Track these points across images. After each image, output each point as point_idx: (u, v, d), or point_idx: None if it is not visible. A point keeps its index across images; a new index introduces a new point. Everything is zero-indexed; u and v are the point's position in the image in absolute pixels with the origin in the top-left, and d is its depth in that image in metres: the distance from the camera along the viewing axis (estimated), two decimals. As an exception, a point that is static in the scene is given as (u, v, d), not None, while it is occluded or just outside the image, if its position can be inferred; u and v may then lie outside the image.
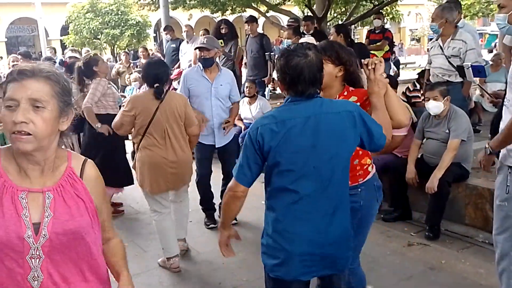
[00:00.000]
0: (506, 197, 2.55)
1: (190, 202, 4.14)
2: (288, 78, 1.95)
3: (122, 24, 20.42)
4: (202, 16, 22.46)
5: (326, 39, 5.84)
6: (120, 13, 20.71)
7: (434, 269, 3.50)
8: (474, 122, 6.05)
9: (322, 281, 2.19)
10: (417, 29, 37.63)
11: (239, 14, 13.30)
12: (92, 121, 4.60)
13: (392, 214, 4.46)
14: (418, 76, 7.31)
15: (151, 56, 10.87)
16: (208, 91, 4.27)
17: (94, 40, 20.53)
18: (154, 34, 25.86)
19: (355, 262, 2.64)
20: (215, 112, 4.31)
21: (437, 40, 4.97)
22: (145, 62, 4.37)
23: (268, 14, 12.38)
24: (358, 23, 15.82)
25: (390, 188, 4.54)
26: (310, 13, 10.70)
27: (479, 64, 4.48)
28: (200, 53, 4.25)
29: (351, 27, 15.17)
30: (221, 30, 7.39)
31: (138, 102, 3.58)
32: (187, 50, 7.85)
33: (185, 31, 8.51)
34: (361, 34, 25.44)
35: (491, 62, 7.39)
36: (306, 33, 6.97)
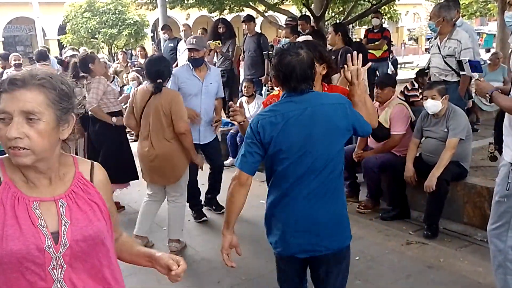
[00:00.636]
0: (506, 193, 2.56)
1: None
2: (281, 75, 2.11)
3: (120, 23, 20.40)
4: (200, 15, 22.43)
5: (324, 39, 5.86)
6: (117, 12, 20.69)
7: (432, 267, 3.50)
8: (472, 121, 6.06)
9: (315, 262, 2.28)
10: (415, 28, 37.71)
11: (237, 13, 13.29)
12: (104, 118, 4.65)
13: (390, 213, 4.46)
14: (416, 75, 7.32)
15: (152, 55, 10.88)
16: (199, 90, 4.40)
17: (92, 39, 20.49)
18: (152, 34, 25.84)
19: None
20: (204, 110, 4.43)
21: (435, 39, 4.97)
22: (147, 59, 4.43)
23: (266, 14, 12.36)
24: (356, 23, 15.85)
25: (388, 187, 4.55)
26: (308, 12, 10.69)
27: (475, 59, 4.49)
28: (190, 53, 4.37)
29: (349, 27, 15.17)
30: (218, 30, 7.38)
31: (138, 95, 3.88)
32: (185, 49, 7.84)
33: (182, 30, 8.52)
34: (359, 34, 25.44)
35: (489, 62, 7.40)
36: (302, 32, 6.95)
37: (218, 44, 6.94)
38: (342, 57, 5.07)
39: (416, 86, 6.83)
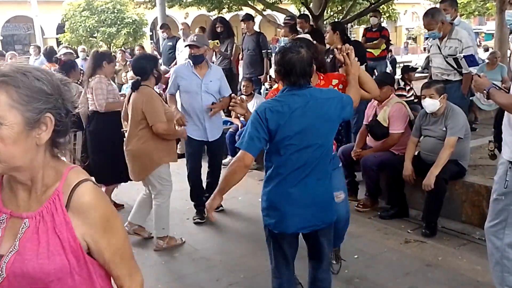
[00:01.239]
0: (504, 191, 2.57)
1: (189, 199, 4.15)
2: (282, 70, 2.36)
3: (118, 22, 20.36)
4: (199, 14, 22.40)
5: (322, 38, 5.87)
6: (116, 11, 20.64)
7: (431, 265, 3.51)
8: (471, 120, 6.06)
9: (310, 236, 2.57)
10: (413, 28, 37.71)
11: (236, 12, 13.28)
12: (118, 107, 4.56)
13: (389, 212, 4.47)
14: (401, 73, 7.34)
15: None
16: (198, 87, 4.38)
17: (90, 38, 20.45)
18: (151, 33, 25.82)
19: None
20: (206, 107, 4.40)
21: (434, 39, 4.96)
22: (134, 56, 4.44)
23: (265, 13, 12.35)
24: (355, 22, 15.83)
25: (387, 185, 4.56)
26: (306, 11, 10.69)
27: (470, 54, 4.51)
28: (190, 50, 4.36)
29: (348, 26, 15.18)
30: (216, 29, 7.37)
31: (128, 93, 4.02)
32: (184, 48, 7.84)
33: (181, 29, 8.51)
34: (357, 33, 25.46)
35: (487, 61, 7.41)
36: (301, 31, 6.96)
37: (217, 43, 6.93)
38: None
39: (402, 84, 6.84)
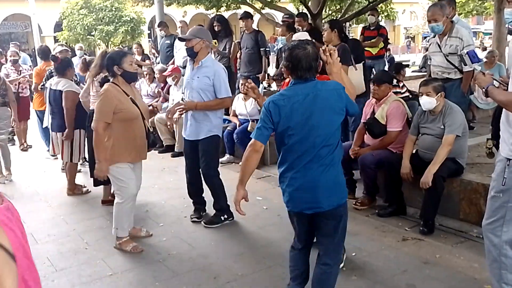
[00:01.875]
0: (502, 188, 2.57)
1: (186, 197, 4.10)
2: (290, 65, 2.58)
3: (116, 20, 20.35)
4: (197, 13, 22.40)
5: (320, 36, 5.86)
6: (114, 9, 20.62)
7: (428, 263, 3.51)
8: (468, 119, 6.08)
9: (319, 218, 2.70)
10: (411, 27, 37.76)
11: (234, 11, 13.27)
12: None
13: (386, 210, 4.47)
14: (394, 71, 7.33)
15: (151, 53, 10.84)
16: (187, 82, 4.32)
17: (88, 36, 20.42)
18: (149, 31, 25.78)
19: None
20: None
21: (434, 37, 4.95)
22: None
23: (263, 11, 12.34)
24: (353, 21, 15.84)
25: (385, 183, 4.56)
26: (305, 10, 10.69)
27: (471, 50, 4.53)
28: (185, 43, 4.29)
29: (346, 24, 15.17)
30: (214, 28, 7.35)
31: None
32: (182, 46, 7.81)
33: (179, 27, 8.50)
34: (356, 32, 25.46)
35: (485, 60, 7.43)
36: (300, 29, 6.95)
37: (215, 43, 6.92)
38: (338, 53, 5.06)
39: (395, 82, 6.83)
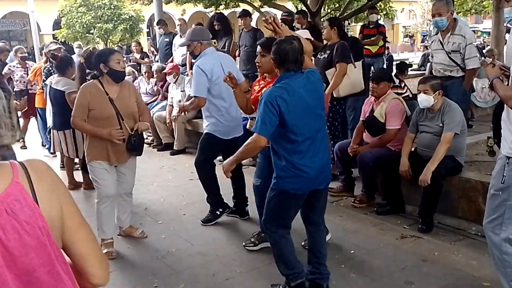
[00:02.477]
0: (501, 186, 2.57)
1: (185, 195, 4.08)
2: (278, 58, 2.75)
3: (115, 18, 20.28)
4: (196, 11, 22.37)
5: (320, 34, 5.86)
6: (113, 7, 20.55)
7: (427, 261, 3.52)
8: (467, 117, 6.08)
9: (313, 195, 2.97)
10: (410, 26, 37.76)
11: (233, 9, 13.25)
12: None
13: (385, 207, 4.48)
14: (396, 71, 7.34)
15: (150, 51, 10.82)
16: None
17: (87, 34, 20.35)
18: (147, 29, 25.72)
19: None
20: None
21: (436, 34, 4.92)
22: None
23: (262, 9, 12.33)
24: (352, 19, 15.83)
25: (383, 181, 4.56)
26: (304, 8, 10.68)
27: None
28: None
29: (345, 23, 15.16)
30: (214, 27, 7.34)
31: None
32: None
33: (178, 25, 8.48)
34: (354, 30, 25.44)
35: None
36: (299, 27, 6.94)
37: (214, 43, 6.91)
38: (337, 51, 5.08)
39: (397, 82, 6.84)
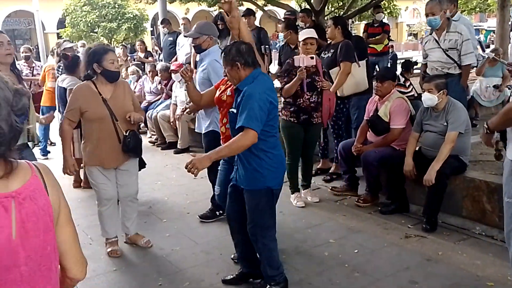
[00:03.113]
0: None
1: (189, 194, 4.08)
2: (243, 60, 2.87)
3: (119, 17, 20.36)
4: (199, 10, 22.39)
5: (323, 33, 5.85)
6: (117, 6, 20.63)
7: (431, 260, 3.52)
8: (471, 116, 6.06)
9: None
10: (414, 24, 37.64)
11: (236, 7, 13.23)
12: None
13: (389, 207, 4.47)
14: (402, 69, 7.31)
15: (154, 50, 10.82)
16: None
17: (91, 33, 20.44)
18: (151, 28, 25.78)
19: None
20: None
21: (431, 34, 4.97)
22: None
23: (265, 8, 12.31)
24: (356, 18, 15.80)
25: (387, 180, 4.56)
26: (308, 6, 10.66)
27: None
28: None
29: (349, 21, 15.11)
30: (218, 26, 7.33)
31: None
32: (184, 43, 7.82)
33: (182, 24, 8.49)
34: (358, 29, 25.40)
35: (488, 56, 7.40)
36: (303, 26, 6.93)
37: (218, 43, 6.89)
38: (341, 50, 5.07)
39: (402, 81, 6.83)
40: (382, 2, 11.43)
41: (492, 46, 12.77)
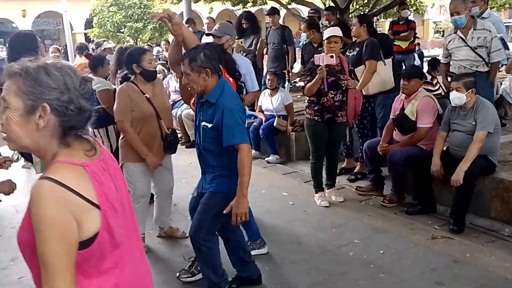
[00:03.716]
0: None
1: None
2: (212, 67, 2.71)
3: (145, 17, 20.60)
4: (223, 8, 22.48)
5: (348, 31, 5.80)
6: (143, 6, 20.91)
7: (458, 262, 3.46)
8: (501, 115, 5.92)
9: None
10: (441, 21, 36.93)
11: (260, 6, 13.24)
12: None
13: (416, 207, 4.41)
14: (428, 66, 7.18)
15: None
16: None
17: (118, 33, 20.76)
18: (176, 28, 25.99)
19: None
20: None
21: (455, 32, 4.87)
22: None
23: (289, 6, 12.26)
24: (381, 15, 15.60)
25: (414, 180, 4.50)
26: (332, 4, 10.58)
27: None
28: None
29: (374, 19, 14.94)
30: (242, 26, 7.36)
31: None
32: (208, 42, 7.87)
33: (206, 23, 8.56)
34: (383, 26, 25.09)
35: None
36: (327, 24, 6.89)
37: (241, 43, 6.93)
38: (367, 48, 5.02)
39: (429, 79, 6.70)
40: (408, 0, 11.27)
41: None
